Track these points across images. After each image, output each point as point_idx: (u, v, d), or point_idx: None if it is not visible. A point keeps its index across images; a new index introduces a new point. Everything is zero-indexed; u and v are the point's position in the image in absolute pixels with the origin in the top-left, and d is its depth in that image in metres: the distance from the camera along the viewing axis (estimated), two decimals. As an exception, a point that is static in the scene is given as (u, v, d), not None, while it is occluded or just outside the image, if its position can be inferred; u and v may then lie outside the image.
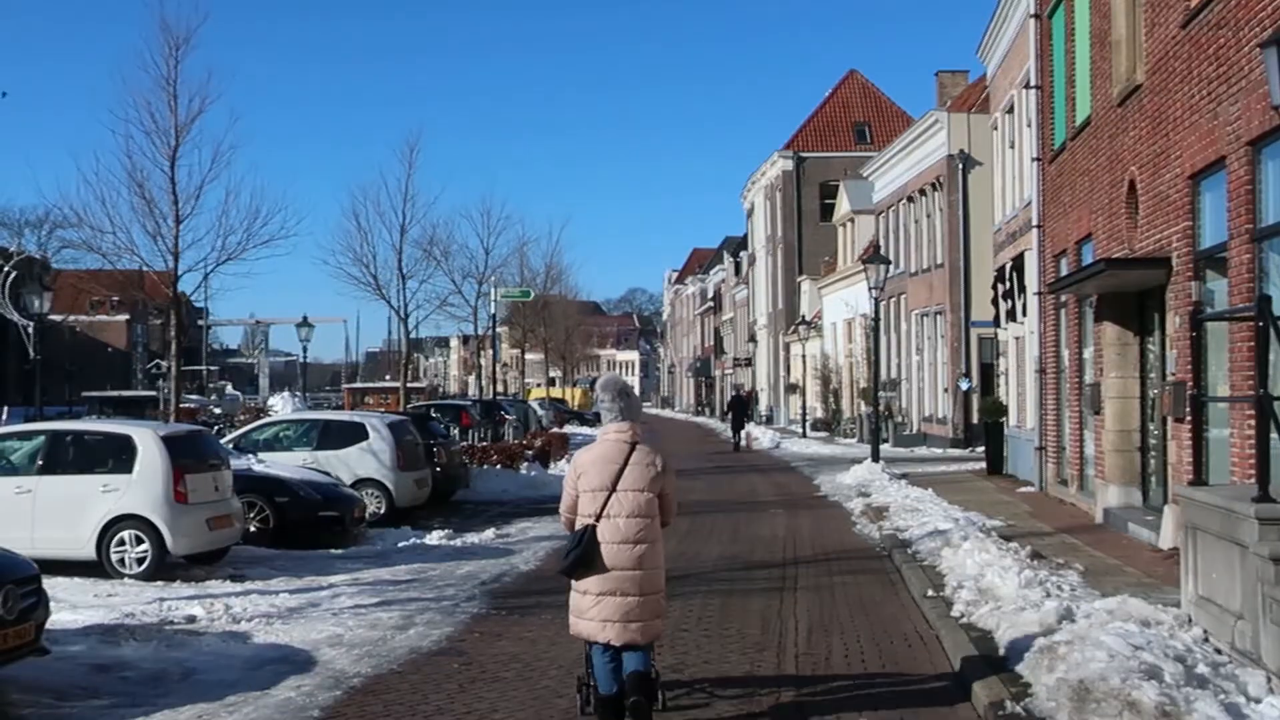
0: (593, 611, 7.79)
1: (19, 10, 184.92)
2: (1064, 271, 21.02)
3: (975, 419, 36.67)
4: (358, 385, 77.63)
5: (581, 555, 7.79)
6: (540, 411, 51.93)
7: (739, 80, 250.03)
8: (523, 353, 64.55)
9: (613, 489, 7.86)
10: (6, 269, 50.77)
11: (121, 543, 14.67)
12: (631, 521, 7.82)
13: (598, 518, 7.83)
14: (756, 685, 9.40)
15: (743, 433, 45.98)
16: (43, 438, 15.60)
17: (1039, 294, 23.78)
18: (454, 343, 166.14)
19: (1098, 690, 7.57)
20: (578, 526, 7.93)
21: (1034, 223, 23.88)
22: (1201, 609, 9.30)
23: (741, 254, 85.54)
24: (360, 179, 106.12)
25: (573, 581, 7.92)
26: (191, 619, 11.96)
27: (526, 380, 71.06)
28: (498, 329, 44.86)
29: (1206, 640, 8.88)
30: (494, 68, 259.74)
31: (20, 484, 14.90)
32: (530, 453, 30.05)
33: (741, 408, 48.23)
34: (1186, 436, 14.05)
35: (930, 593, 12.60)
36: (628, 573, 7.78)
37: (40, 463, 15.12)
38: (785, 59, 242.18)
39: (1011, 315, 27.76)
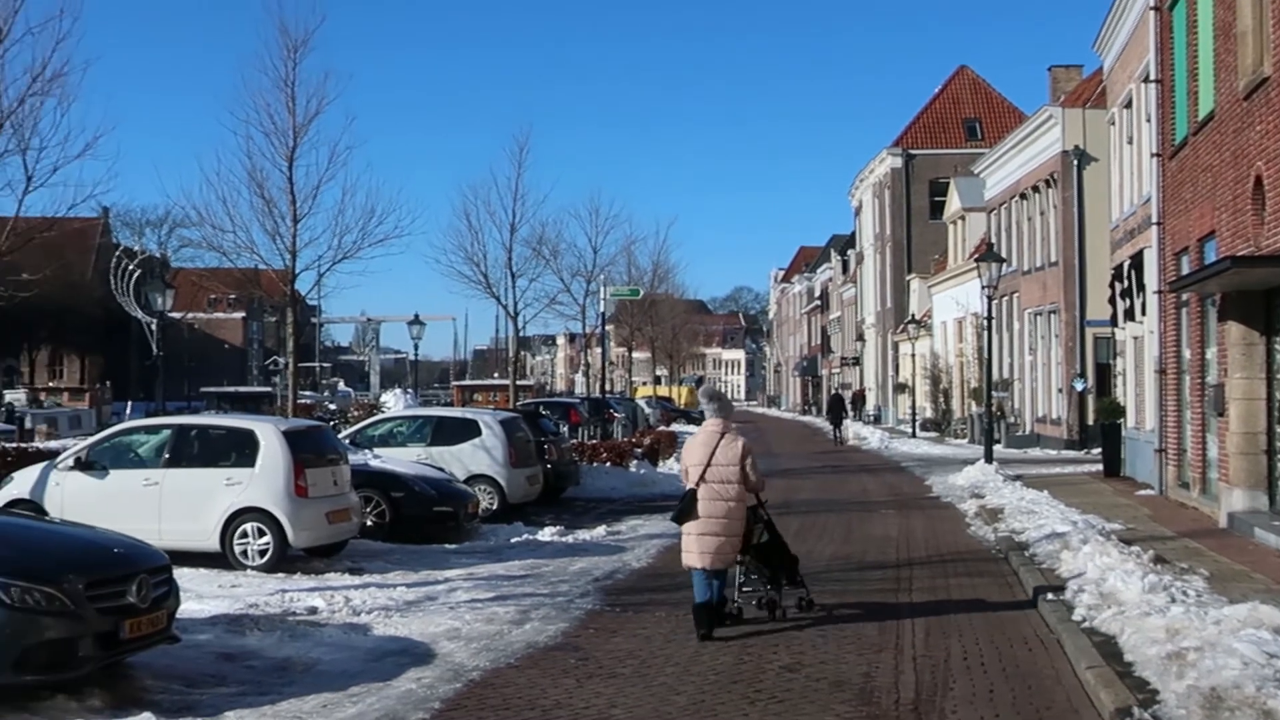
0: (694, 546, 11.19)
1: (148, 13, 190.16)
2: (1185, 269, 20.54)
3: (1090, 420, 35.99)
4: (467, 382, 78.48)
5: (683, 509, 11.32)
6: (647, 410, 52.05)
7: (847, 77, 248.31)
8: (630, 351, 64.57)
9: (708, 464, 11.23)
10: (130, 267, 52.25)
11: (244, 535, 15.00)
12: (720, 487, 11.21)
13: (698, 483, 11.23)
14: (874, 687, 9.32)
15: (840, 428, 50.06)
16: (169, 431, 16.02)
17: (1159, 292, 23.25)
18: (561, 341, 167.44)
19: (1231, 698, 7.40)
20: (686, 489, 11.33)
21: (1153, 220, 23.36)
22: (1337, 617, 9.03)
23: (849, 252, 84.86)
24: (471, 175, 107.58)
25: (681, 527, 11.33)
26: (313, 610, 12.19)
27: (633, 378, 71.17)
28: (606, 327, 44.98)
29: (1343, 649, 8.62)
30: (603, 64, 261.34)
31: (148, 476, 15.32)
32: (639, 450, 30.12)
33: (839, 406, 52.72)
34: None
35: (1050, 596, 12.38)
36: (717, 520, 11.17)
37: (167, 456, 15.52)
38: (895, 55, 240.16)
39: (1130, 314, 27.18)
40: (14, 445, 23.99)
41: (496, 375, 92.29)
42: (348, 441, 20.87)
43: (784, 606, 11.86)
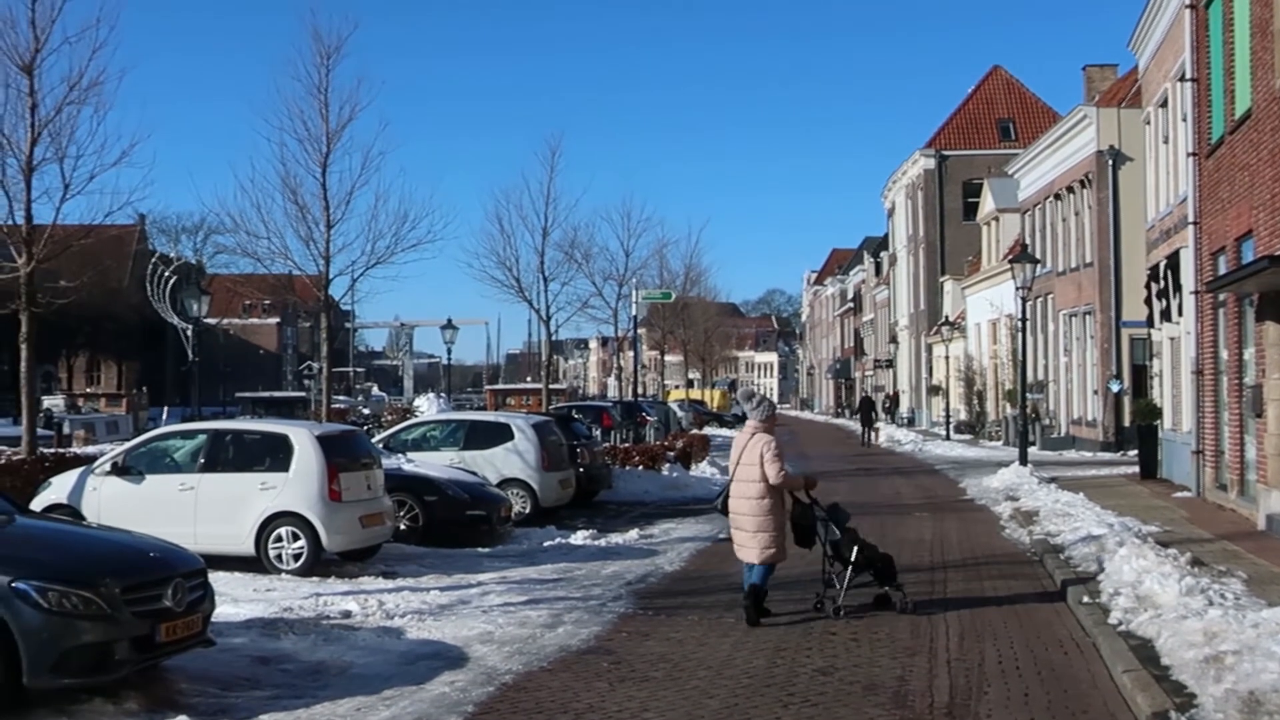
0: (734, 538, 12.13)
1: (183, 21, 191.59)
2: (1222, 269, 20.34)
3: (1127, 422, 35.71)
4: (499, 386, 78.62)
5: (721, 502, 12.26)
6: (680, 413, 52.00)
7: (879, 78, 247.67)
8: (662, 354, 64.59)
9: (738, 462, 11.99)
10: (166, 274, 52.66)
11: (279, 539, 15.07)
12: (744, 485, 11.88)
13: (731, 479, 12.06)
14: (908, 691, 9.28)
15: (870, 430, 51.87)
16: (204, 436, 16.11)
17: (1196, 293, 23.05)
18: (593, 344, 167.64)
19: (1270, 703, 7.32)
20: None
21: (1190, 219, 23.16)
22: (1378, 620, 8.92)
23: (882, 254, 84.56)
24: (503, 180, 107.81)
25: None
26: (347, 614, 12.24)
27: (665, 382, 71.16)
28: (638, 330, 45.01)
29: (1384, 652, 8.51)
30: (634, 65, 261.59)
31: (184, 481, 15.42)
32: (672, 454, 30.07)
33: (869, 407, 54.54)
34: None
35: (1085, 599, 12.29)
36: (742, 515, 11.90)
37: (202, 461, 15.61)
38: (927, 56, 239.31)
39: (1166, 315, 26.96)
40: (52, 451, 24.16)
41: (529, 379, 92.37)
42: (381, 445, 20.94)
43: (899, 602, 12.25)
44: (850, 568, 12.21)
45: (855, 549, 12.23)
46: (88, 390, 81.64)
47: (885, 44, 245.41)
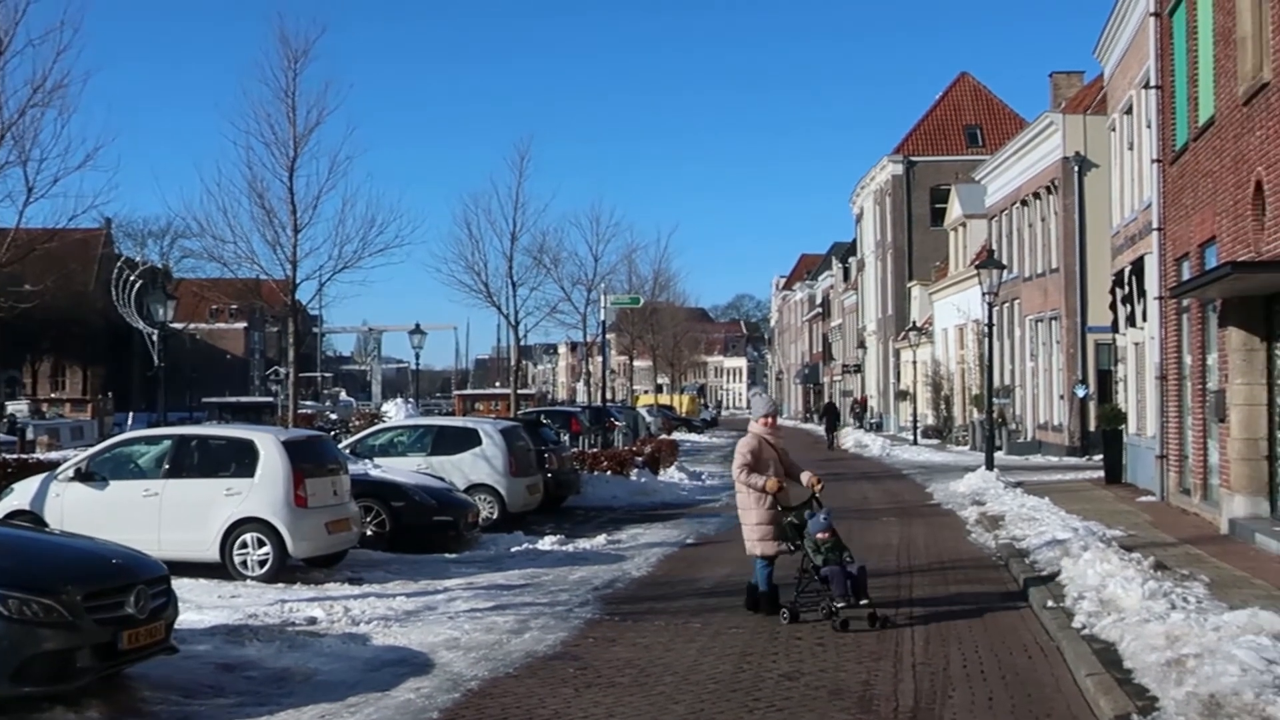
0: None
1: (149, 24, 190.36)
2: (1186, 275, 20.52)
3: (1092, 426, 35.95)
4: (468, 391, 78.53)
5: None
6: (649, 418, 52.04)
7: (849, 84, 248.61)
8: (631, 359, 64.63)
9: None
10: (132, 278, 52.29)
11: (244, 545, 14.97)
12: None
13: None
14: (873, 695, 9.31)
15: (834, 434, 54.06)
16: (169, 442, 16.01)
17: (1160, 298, 23.23)
18: (562, 349, 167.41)
19: (1230, 705, 7.38)
20: None
21: (1154, 226, 23.35)
22: (1337, 623, 9.01)
23: (850, 259, 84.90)
24: (471, 185, 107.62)
25: None
26: (312, 620, 12.19)
27: (634, 387, 71.17)
28: (606, 335, 45.06)
29: (1343, 655, 8.59)
30: (602, 71, 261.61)
31: (148, 487, 15.31)
32: (640, 459, 30.08)
33: (834, 413, 57.01)
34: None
35: (1050, 603, 12.36)
36: (739, 510, 12.74)
37: (166, 467, 15.51)
38: (895, 62, 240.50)
39: (1131, 320, 27.17)
40: (15, 456, 23.99)
41: (498, 384, 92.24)
42: (348, 451, 20.88)
43: (840, 616, 11.71)
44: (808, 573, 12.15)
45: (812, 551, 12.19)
46: (52, 395, 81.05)
47: (853, 49, 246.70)
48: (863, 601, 11.80)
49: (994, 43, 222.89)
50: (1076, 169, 37.78)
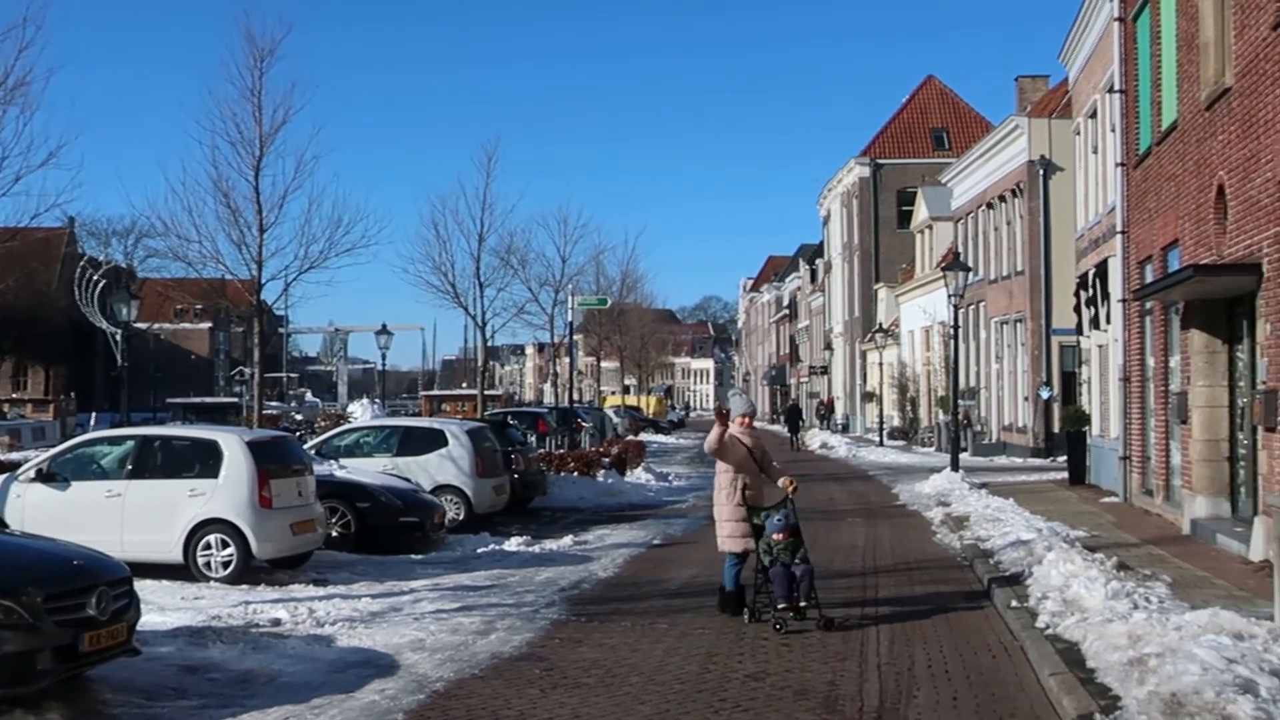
0: None
1: (113, 21, 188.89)
2: (1149, 278, 20.69)
3: (1056, 428, 36.21)
4: (435, 392, 78.25)
5: None
6: (616, 419, 52.03)
7: (816, 86, 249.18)
8: (598, 360, 64.64)
9: None
10: (95, 278, 51.85)
11: (208, 546, 14.86)
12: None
13: None
14: (839, 695, 9.33)
15: (798, 435, 55.47)
16: (132, 443, 15.87)
17: (1123, 301, 23.42)
18: (529, 350, 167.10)
19: (1191, 704, 7.43)
20: None
21: (1118, 229, 23.54)
22: (1297, 622, 9.09)
23: (817, 261, 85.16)
24: (438, 186, 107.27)
25: None
26: (276, 622, 12.11)
27: (602, 388, 71.15)
28: (574, 337, 45.04)
29: (1302, 654, 8.67)
30: (570, 72, 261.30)
31: (110, 488, 15.17)
32: (607, 460, 30.07)
33: (797, 414, 58.45)
34: (1278, 446, 13.75)
35: (1014, 603, 12.43)
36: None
37: (129, 467, 15.37)
38: (862, 65, 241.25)
39: (1094, 323, 27.36)
40: (-25, 457, 23.75)
41: (465, 385, 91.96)
42: (314, 452, 20.76)
43: (776, 616, 11.76)
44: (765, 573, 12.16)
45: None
46: (14, 396, 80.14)
47: (820, 51, 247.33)
48: (803, 604, 11.81)
49: (960, 46, 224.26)
50: (1042, 172, 38.06)
